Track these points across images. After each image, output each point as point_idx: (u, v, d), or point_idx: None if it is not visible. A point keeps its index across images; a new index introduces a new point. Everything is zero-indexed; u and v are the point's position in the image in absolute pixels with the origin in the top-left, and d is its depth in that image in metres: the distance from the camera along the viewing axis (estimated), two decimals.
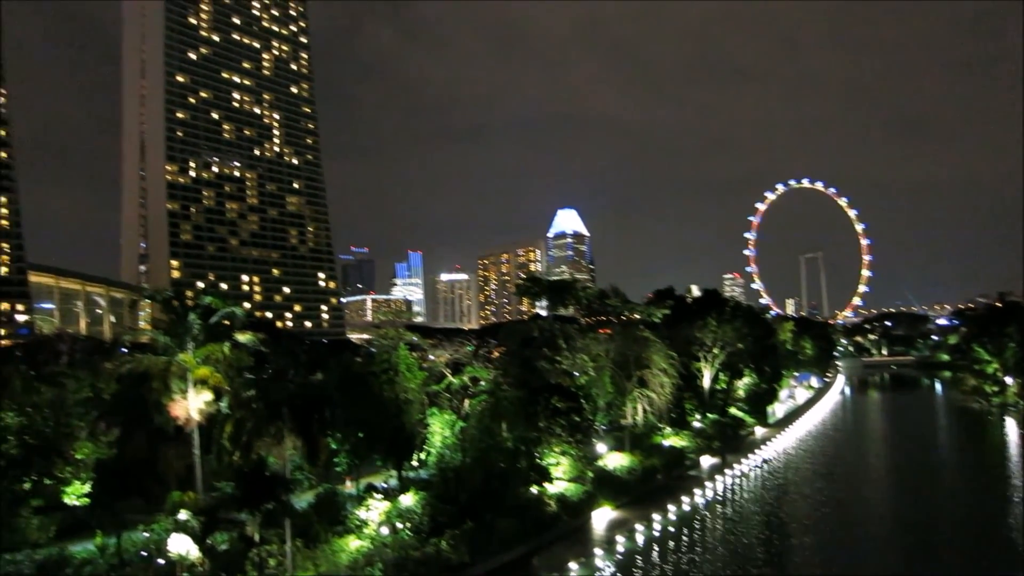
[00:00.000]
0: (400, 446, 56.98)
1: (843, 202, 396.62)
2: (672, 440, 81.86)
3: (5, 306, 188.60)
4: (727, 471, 75.50)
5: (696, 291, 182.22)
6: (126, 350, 72.40)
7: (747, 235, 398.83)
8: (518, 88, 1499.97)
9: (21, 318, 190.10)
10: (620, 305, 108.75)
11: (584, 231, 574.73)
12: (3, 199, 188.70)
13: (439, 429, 60.26)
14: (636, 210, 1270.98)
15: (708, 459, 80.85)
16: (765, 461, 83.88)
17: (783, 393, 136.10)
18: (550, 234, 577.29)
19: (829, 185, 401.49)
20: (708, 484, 69.12)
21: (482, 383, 65.67)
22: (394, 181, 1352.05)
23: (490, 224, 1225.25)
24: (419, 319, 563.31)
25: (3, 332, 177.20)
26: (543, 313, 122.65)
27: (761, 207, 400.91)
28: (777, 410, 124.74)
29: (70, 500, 47.30)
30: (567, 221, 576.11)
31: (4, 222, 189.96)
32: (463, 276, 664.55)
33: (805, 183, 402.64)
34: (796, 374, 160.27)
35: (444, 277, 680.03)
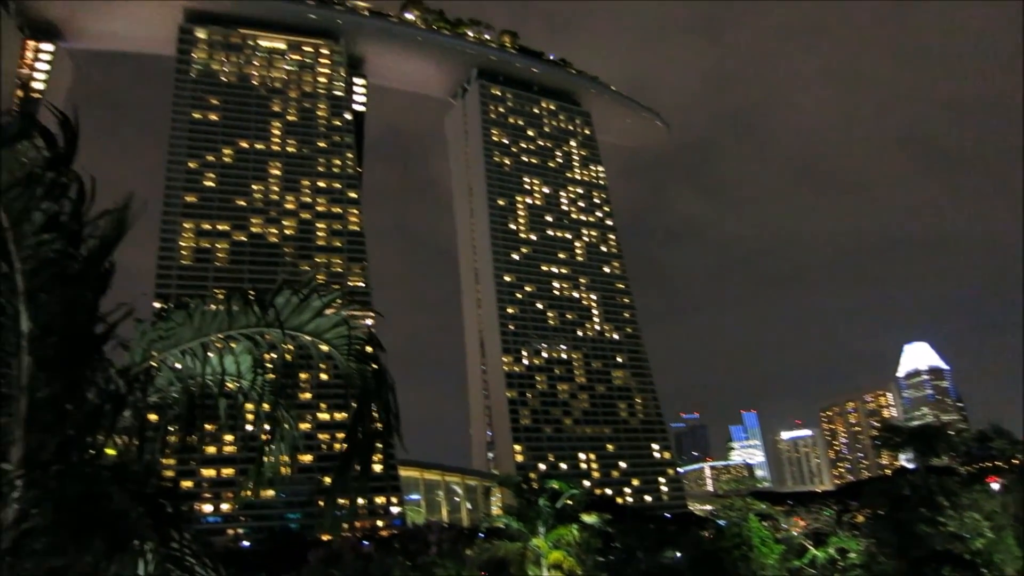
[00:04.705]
0: None
1: None
2: None
3: (381, 500, 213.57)
4: None
5: None
6: (483, 535, 76.27)
7: None
8: (832, 219, 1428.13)
9: (395, 510, 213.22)
10: (1008, 447, 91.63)
11: (942, 364, 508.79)
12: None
13: None
14: (1004, 329, 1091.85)
15: None
16: None
17: None
18: (900, 373, 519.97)
19: None
20: None
21: (851, 555, 57.82)
22: (715, 341, 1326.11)
23: (826, 371, 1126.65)
24: (764, 484, 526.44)
25: (381, 524, 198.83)
26: (910, 466, 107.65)
27: None
28: None
29: None
30: (919, 356, 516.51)
31: (379, 426, 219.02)
32: (806, 432, 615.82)
33: None
34: None
35: (785, 435, 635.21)
